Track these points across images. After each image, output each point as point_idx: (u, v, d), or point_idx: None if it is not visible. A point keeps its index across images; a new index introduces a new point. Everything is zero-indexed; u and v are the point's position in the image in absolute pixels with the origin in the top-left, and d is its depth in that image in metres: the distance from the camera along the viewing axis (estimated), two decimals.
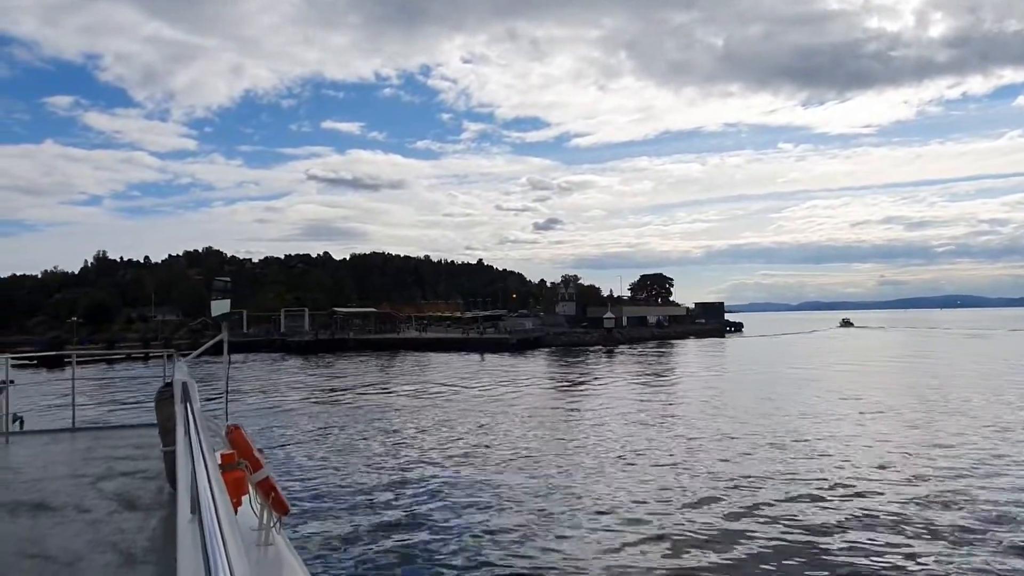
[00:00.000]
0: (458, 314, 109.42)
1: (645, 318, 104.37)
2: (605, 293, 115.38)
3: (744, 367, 50.78)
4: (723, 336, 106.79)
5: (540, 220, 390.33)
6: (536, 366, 54.54)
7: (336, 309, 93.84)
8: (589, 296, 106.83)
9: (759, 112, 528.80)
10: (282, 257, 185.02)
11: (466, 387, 37.32)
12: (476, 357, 61.97)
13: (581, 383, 40.00)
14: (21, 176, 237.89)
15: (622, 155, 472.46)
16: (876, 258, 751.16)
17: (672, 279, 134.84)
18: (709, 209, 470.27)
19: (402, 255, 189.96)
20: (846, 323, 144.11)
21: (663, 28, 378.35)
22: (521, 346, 71.04)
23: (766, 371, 45.92)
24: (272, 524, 4.01)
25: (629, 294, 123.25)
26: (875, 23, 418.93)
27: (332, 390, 36.86)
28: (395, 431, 22.81)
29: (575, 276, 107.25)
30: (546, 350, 70.99)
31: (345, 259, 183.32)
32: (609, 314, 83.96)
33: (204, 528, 1.84)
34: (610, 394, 33.70)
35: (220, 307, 7.92)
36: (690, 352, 70.79)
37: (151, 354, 60.58)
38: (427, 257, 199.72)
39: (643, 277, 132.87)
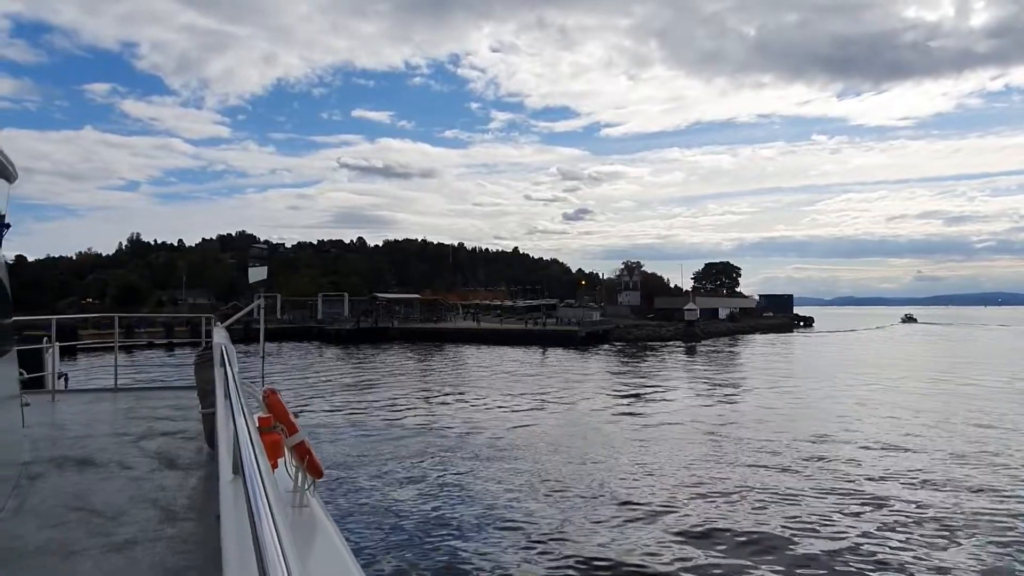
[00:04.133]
0: (508, 302, 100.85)
1: (717, 311, 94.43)
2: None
3: (893, 372, 41.36)
4: (791, 331, 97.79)
5: (570, 210, 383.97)
6: (617, 367, 45.70)
7: (377, 295, 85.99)
8: (652, 285, 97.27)
9: (792, 103, 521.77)
10: (315, 243, 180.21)
11: (566, 402, 28.79)
12: (536, 352, 53.64)
13: (717, 396, 31.12)
14: (62, 161, 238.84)
15: (652, 146, 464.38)
16: (913, 253, 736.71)
17: (740, 268, 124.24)
18: (741, 201, 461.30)
19: (435, 242, 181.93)
20: (909, 319, 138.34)
21: (694, 16, 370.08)
22: (589, 340, 62.27)
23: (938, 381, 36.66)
24: (307, 487, 4.07)
25: (692, 284, 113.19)
26: (913, 12, 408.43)
27: (378, 404, 28.52)
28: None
29: (638, 263, 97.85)
30: (614, 345, 62.37)
31: (378, 245, 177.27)
32: (691, 305, 74.50)
33: (248, 487, 1.86)
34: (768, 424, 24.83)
35: (257, 274, 8.50)
36: (783, 350, 61.48)
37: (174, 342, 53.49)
38: (461, 244, 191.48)
39: (708, 266, 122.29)
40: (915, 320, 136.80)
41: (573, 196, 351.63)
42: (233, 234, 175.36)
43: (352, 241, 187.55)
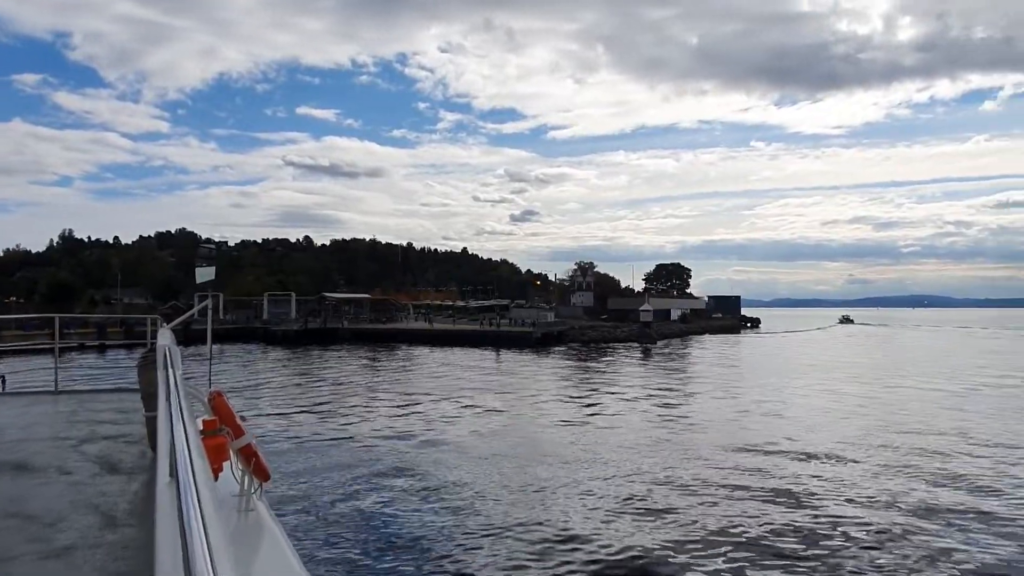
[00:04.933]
0: (460, 303, 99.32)
1: (669, 312, 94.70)
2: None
3: (863, 373, 41.62)
4: (739, 332, 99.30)
5: (517, 212, 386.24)
6: (573, 369, 44.96)
7: (325, 295, 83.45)
8: (605, 286, 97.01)
9: (733, 110, 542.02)
10: (259, 241, 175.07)
11: (521, 405, 27.73)
12: (490, 354, 52.57)
13: (678, 408, 30.51)
14: None
15: (598, 149, 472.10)
16: (845, 257, 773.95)
17: (690, 270, 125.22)
18: (683, 205, 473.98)
19: (384, 242, 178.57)
20: (846, 320, 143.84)
21: (639, 23, 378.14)
22: (544, 341, 61.41)
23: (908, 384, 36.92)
24: (253, 490, 4.01)
25: (644, 285, 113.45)
26: (845, 25, 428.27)
27: (328, 407, 26.96)
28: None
29: (591, 263, 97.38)
30: (569, 347, 61.68)
31: (325, 245, 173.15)
32: (646, 306, 74.28)
33: (180, 491, 1.84)
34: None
35: (205, 274, 7.54)
36: (737, 351, 61.89)
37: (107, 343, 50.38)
38: (410, 244, 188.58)
39: (658, 267, 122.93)
40: (852, 321, 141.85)
41: (520, 198, 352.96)
42: (173, 231, 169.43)
43: (298, 240, 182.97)
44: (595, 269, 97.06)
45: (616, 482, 14.48)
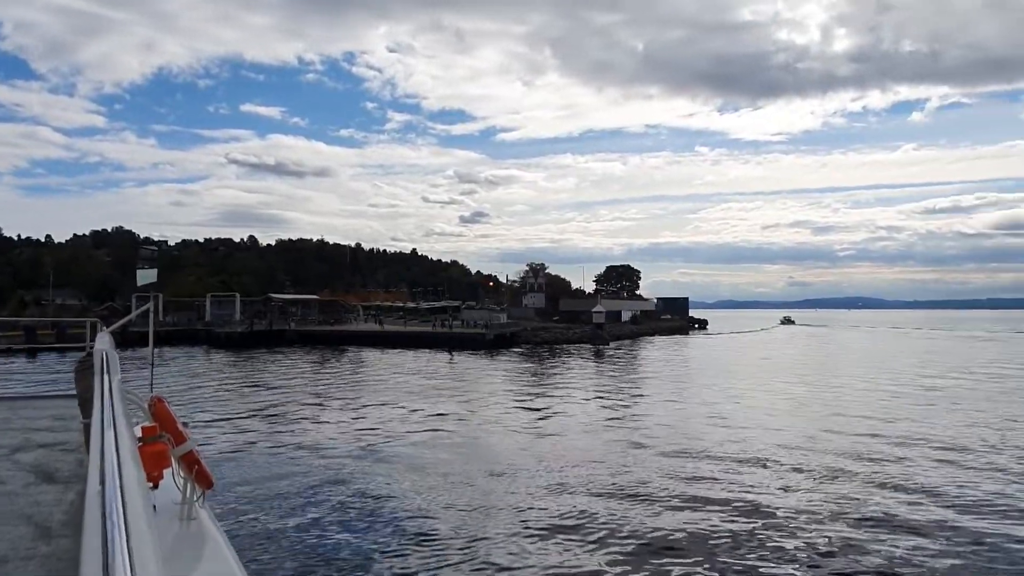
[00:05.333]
0: (411, 304, 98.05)
1: (620, 313, 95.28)
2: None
3: (826, 374, 42.30)
4: (687, 333, 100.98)
5: (466, 213, 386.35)
6: (527, 371, 44.63)
7: (272, 296, 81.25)
8: (557, 287, 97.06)
9: (678, 115, 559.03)
10: (201, 241, 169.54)
11: (475, 409, 27.20)
12: (443, 356, 51.94)
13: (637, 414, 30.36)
14: None
15: (547, 151, 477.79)
16: (785, 260, 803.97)
17: (640, 272, 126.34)
18: (630, 207, 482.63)
19: (332, 243, 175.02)
20: (787, 321, 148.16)
21: (587, 28, 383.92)
22: (497, 343, 60.93)
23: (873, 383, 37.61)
24: (195, 498, 3.94)
25: (595, 286, 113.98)
26: (784, 35, 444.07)
27: (275, 413, 26.01)
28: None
29: (542, 264, 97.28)
30: (523, 348, 61.37)
31: (271, 245, 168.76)
32: (599, 308, 74.40)
33: (106, 500, 1.83)
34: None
35: (146, 276, 7.32)
36: (688, 352, 62.56)
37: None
38: (359, 245, 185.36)
39: (608, 268, 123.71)
40: (793, 322, 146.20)
41: (470, 199, 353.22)
42: (109, 230, 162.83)
43: (242, 240, 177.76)
44: (546, 270, 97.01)
45: (566, 491, 14.04)
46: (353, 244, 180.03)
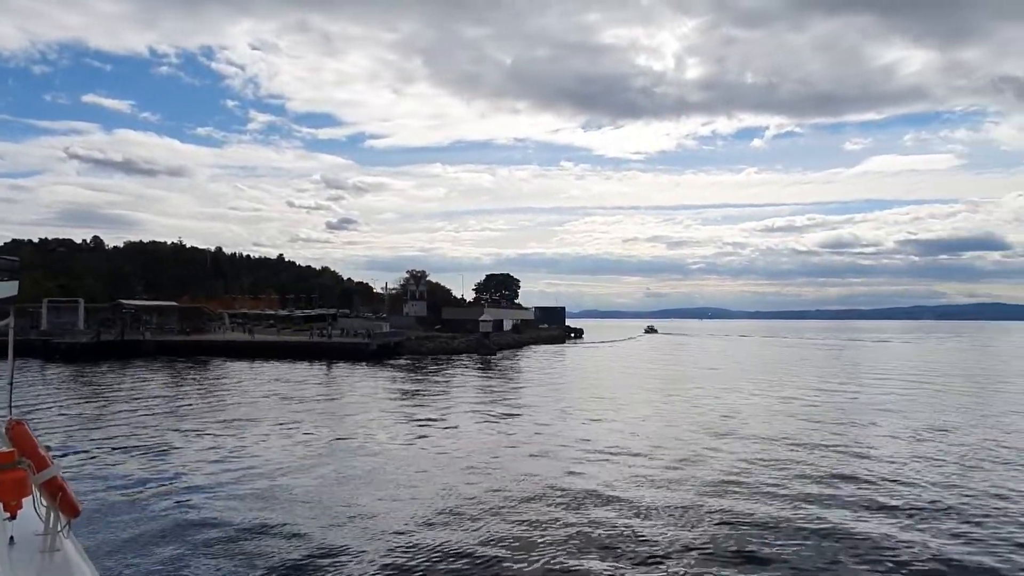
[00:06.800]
0: (283, 311, 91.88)
1: (503, 322, 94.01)
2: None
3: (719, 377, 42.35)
4: (564, 342, 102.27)
5: (333, 219, 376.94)
6: (414, 383, 42.02)
7: (123, 302, 73.01)
8: (438, 296, 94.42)
9: (545, 130, 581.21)
10: (36, 240, 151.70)
11: (354, 427, 24.61)
12: (320, 368, 48.34)
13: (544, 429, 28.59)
14: None
15: (416, 160, 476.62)
16: (642, 272, 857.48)
17: (519, 281, 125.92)
18: (498, 218, 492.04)
19: (190, 246, 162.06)
20: (651, 330, 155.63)
21: (456, 40, 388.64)
22: (381, 353, 57.58)
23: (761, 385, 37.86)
24: (60, 528, 3.69)
25: (474, 295, 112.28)
26: (643, 60, 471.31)
27: (123, 442, 22.16)
28: None
29: (423, 272, 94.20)
30: (408, 359, 58.42)
31: (119, 247, 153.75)
32: (486, 316, 72.51)
33: None
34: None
35: (5, 289, 6.82)
36: (570, 362, 62.19)
37: None
38: (219, 249, 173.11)
39: (489, 277, 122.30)
40: (656, 331, 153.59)
41: (337, 205, 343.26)
42: None
43: (85, 240, 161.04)
44: (427, 278, 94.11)
45: (451, 517, 13.24)
46: (213, 248, 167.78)
